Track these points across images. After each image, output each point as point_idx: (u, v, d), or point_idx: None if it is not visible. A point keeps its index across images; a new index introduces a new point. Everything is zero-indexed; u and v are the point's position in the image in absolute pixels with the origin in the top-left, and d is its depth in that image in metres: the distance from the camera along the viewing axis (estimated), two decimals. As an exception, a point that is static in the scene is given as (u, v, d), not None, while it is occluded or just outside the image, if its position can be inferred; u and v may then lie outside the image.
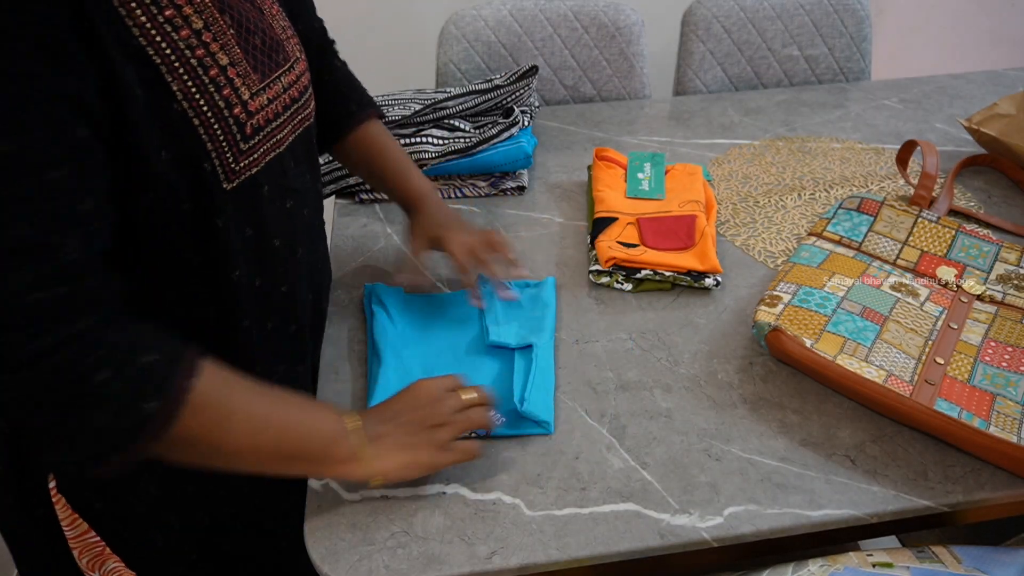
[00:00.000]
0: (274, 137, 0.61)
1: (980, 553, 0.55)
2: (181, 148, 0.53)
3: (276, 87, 0.61)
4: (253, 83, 0.58)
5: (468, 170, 1.05)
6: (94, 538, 0.70)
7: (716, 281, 0.86)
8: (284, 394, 0.59)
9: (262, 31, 0.60)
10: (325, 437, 0.58)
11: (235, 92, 0.56)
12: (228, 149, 0.55)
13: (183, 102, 0.52)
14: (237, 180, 0.57)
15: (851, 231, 0.90)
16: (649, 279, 0.86)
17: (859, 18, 1.48)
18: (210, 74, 0.54)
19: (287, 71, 0.63)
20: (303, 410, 0.59)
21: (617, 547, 0.60)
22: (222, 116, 0.55)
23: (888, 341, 0.73)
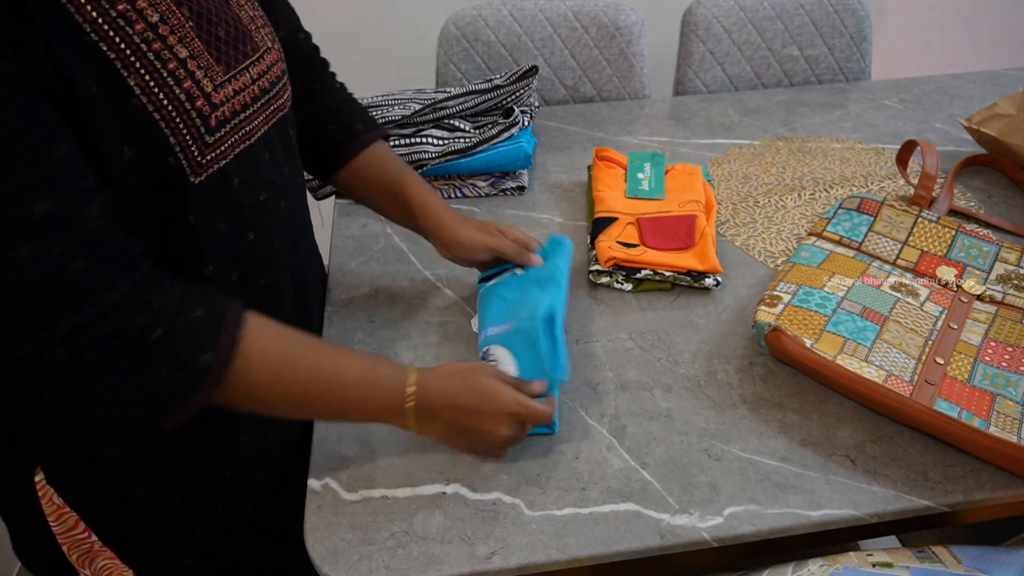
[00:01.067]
0: (243, 129, 0.60)
1: (980, 553, 0.55)
2: (143, 144, 0.52)
3: (243, 78, 0.60)
4: (216, 75, 0.57)
5: (468, 170, 1.05)
6: (82, 534, 0.69)
7: (716, 281, 0.86)
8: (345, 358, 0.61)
9: (226, 22, 0.59)
10: (380, 405, 0.61)
11: (196, 85, 0.55)
12: (192, 143, 0.54)
13: (141, 97, 0.51)
14: (204, 174, 0.56)
15: (851, 231, 0.90)
16: (649, 279, 0.87)
17: (859, 18, 1.48)
18: (168, 67, 0.53)
19: (255, 61, 0.62)
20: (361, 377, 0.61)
21: (617, 547, 0.60)
22: (184, 109, 0.54)
23: (888, 341, 0.73)
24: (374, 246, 0.97)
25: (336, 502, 0.64)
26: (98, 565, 0.72)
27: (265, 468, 0.75)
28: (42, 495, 0.67)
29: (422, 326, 0.83)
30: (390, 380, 0.61)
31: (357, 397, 0.60)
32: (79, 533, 0.70)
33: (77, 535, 0.70)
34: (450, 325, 0.83)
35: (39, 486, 0.67)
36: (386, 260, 0.94)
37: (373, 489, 0.65)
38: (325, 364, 0.59)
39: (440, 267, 0.92)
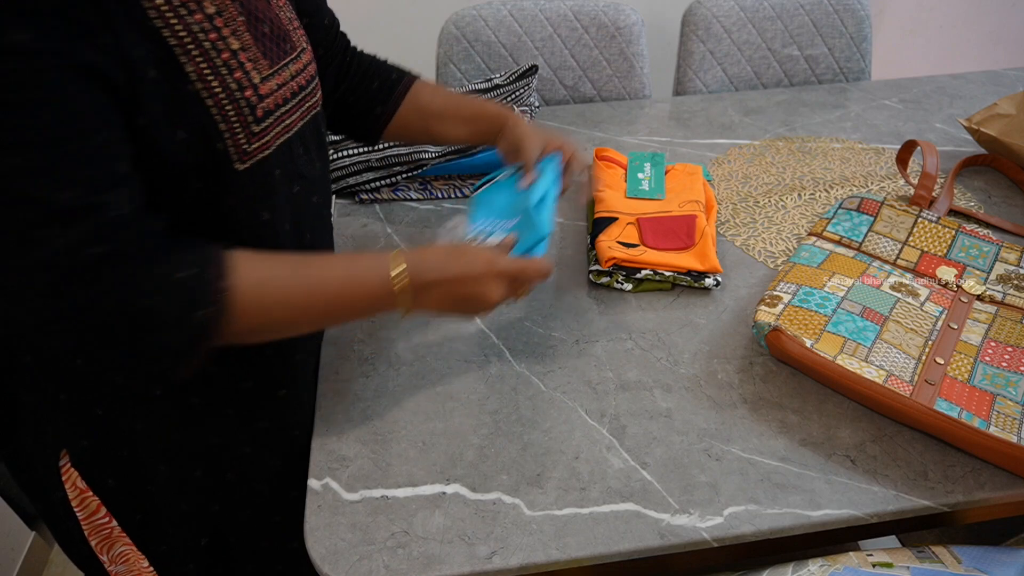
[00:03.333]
0: (284, 122, 0.62)
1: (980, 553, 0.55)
2: (195, 128, 0.54)
3: (284, 74, 0.63)
4: (263, 68, 0.60)
5: (468, 170, 1.05)
6: (103, 519, 0.71)
7: (716, 281, 0.86)
8: (326, 262, 0.62)
9: (270, 20, 0.62)
10: (371, 298, 0.62)
11: (246, 75, 0.58)
12: (241, 130, 0.57)
13: (196, 83, 0.54)
14: (250, 161, 0.59)
15: (851, 231, 0.90)
16: (649, 279, 0.87)
17: (859, 18, 1.48)
18: (222, 57, 0.56)
19: (294, 59, 0.64)
20: (348, 275, 0.62)
21: (617, 547, 0.60)
22: (234, 98, 0.56)
23: (888, 341, 0.73)
24: (374, 246, 0.97)
25: (336, 502, 0.64)
26: (116, 551, 0.73)
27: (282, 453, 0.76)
28: (66, 479, 0.69)
29: (422, 326, 0.83)
30: (375, 272, 0.62)
31: (347, 298, 0.62)
32: (100, 518, 0.71)
33: (98, 520, 0.71)
34: (450, 325, 0.83)
35: (63, 470, 0.68)
36: (386, 260, 0.94)
37: (373, 489, 0.65)
38: (311, 277, 0.60)
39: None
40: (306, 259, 0.61)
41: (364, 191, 1.05)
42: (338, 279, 0.61)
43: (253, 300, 0.56)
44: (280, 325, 0.60)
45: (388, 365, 0.78)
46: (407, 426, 0.71)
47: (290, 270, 0.59)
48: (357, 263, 0.63)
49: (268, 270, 0.58)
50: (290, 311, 0.59)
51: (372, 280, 0.62)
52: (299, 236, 0.68)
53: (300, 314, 0.60)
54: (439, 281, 0.63)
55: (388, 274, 0.61)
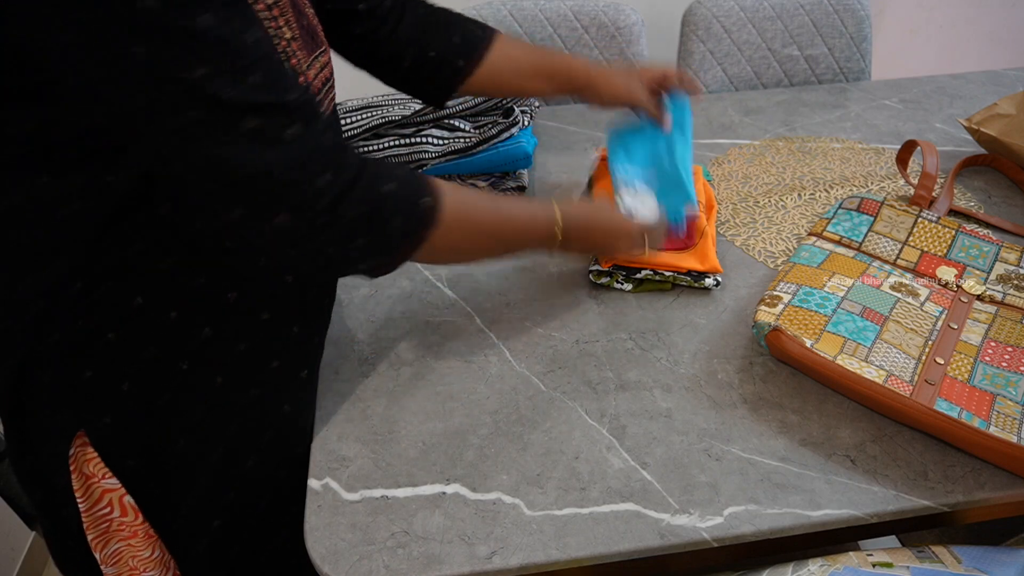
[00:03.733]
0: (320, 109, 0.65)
1: (980, 553, 0.55)
2: None
3: (316, 65, 0.65)
4: (304, 59, 0.62)
5: (468, 170, 1.05)
6: (104, 509, 0.70)
7: (716, 281, 0.86)
8: (512, 201, 0.74)
9: (306, 15, 0.64)
10: (540, 237, 0.73)
11: (299, 63, 0.61)
12: None
13: None
14: None
15: (851, 231, 0.90)
16: (649, 279, 0.87)
17: (859, 18, 1.48)
18: (280, 44, 0.59)
19: (320, 55, 0.66)
20: (529, 214, 0.72)
21: (617, 547, 0.60)
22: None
23: (888, 341, 0.73)
24: (374, 246, 0.97)
25: (336, 502, 0.64)
26: (111, 548, 0.72)
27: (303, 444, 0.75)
28: (73, 467, 0.68)
29: (422, 326, 0.83)
30: (546, 218, 0.72)
31: (525, 233, 0.72)
32: (102, 508, 0.70)
33: (99, 511, 0.70)
34: (450, 325, 0.83)
35: (73, 456, 0.67)
36: (386, 260, 0.94)
37: (373, 489, 0.65)
38: (500, 208, 0.70)
39: (440, 267, 0.92)
40: (496, 196, 0.76)
41: (364, 191, 1.05)
42: (522, 215, 0.71)
43: (457, 210, 0.63)
44: (470, 244, 0.68)
45: (388, 365, 0.78)
46: (407, 426, 0.71)
47: (487, 199, 0.70)
48: (533, 205, 0.73)
49: (467, 193, 0.66)
50: (482, 231, 0.68)
51: (543, 222, 0.71)
52: None
53: (487, 238, 0.69)
54: (586, 232, 0.76)
55: (555, 219, 0.71)
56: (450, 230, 0.63)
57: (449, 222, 0.62)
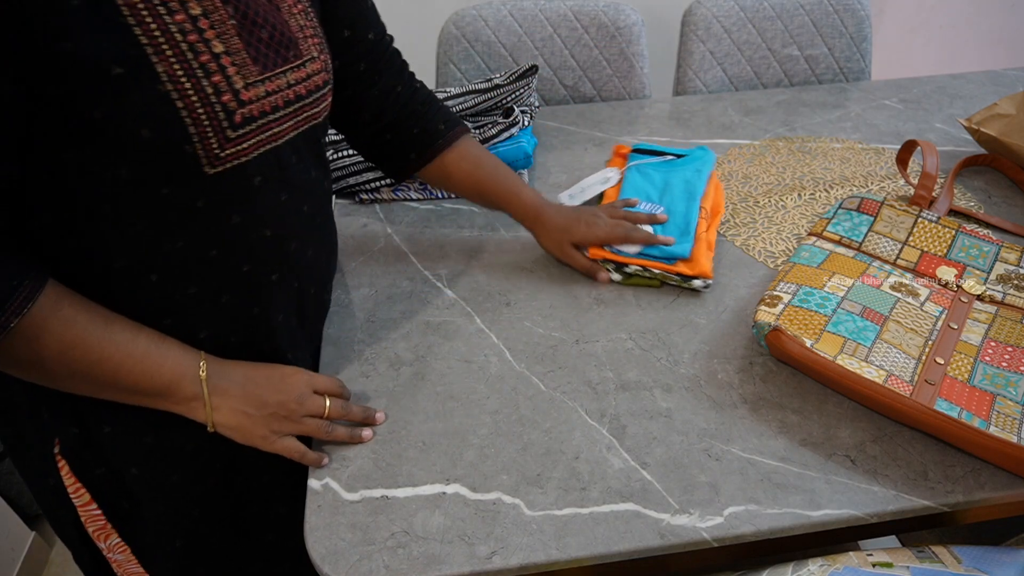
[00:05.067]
0: (270, 129, 0.61)
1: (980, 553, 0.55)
2: (162, 128, 0.53)
3: (279, 81, 0.61)
4: (250, 74, 0.58)
5: (468, 170, 1.05)
6: (96, 511, 0.71)
7: (705, 284, 0.86)
8: (139, 330, 0.61)
9: (272, 26, 0.61)
10: (168, 377, 0.62)
11: (227, 80, 0.56)
12: (213, 135, 0.56)
13: (167, 84, 0.53)
14: (222, 166, 0.57)
15: (851, 231, 0.90)
16: (638, 274, 0.87)
17: (859, 18, 1.48)
18: (200, 59, 0.55)
19: (296, 68, 0.63)
20: (152, 347, 0.61)
21: (617, 547, 0.60)
22: (209, 102, 0.55)
23: (888, 341, 0.73)
24: (374, 246, 0.97)
25: (336, 502, 0.64)
26: (113, 542, 0.73)
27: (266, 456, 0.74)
28: (61, 467, 0.69)
29: (422, 326, 0.83)
30: (183, 349, 0.63)
31: (148, 363, 0.61)
32: (94, 509, 0.71)
33: (92, 511, 0.71)
34: (450, 325, 0.83)
35: (58, 458, 0.68)
36: (386, 260, 0.94)
37: (373, 489, 0.65)
38: (107, 335, 0.59)
39: (440, 267, 0.92)
40: (116, 320, 0.60)
41: (364, 191, 1.05)
42: (142, 346, 0.60)
43: (42, 337, 0.55)
44: (55, 370, 0.58)
45: (388, 365, 0.78)
46: (407, 426, 0.71)
47: (94, 323, 0.58)
48: (168, 342, 0.63)
49: (73, 316, 0.57)
50: (71, 363, 0.57)
51: (176, 358, 0.62)
52: (280, 244, 0.67)
53: (82, 367, 0.58)
54: (246, 381, 0.65)
55: (196, 361, 0.63)
56: (28, 363, 0.56)
57: (23, 353, 0.55)
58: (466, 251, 0.95)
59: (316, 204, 0.71)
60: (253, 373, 0.67)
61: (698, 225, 0.91)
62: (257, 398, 0.65)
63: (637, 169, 1.02)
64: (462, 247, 0.96)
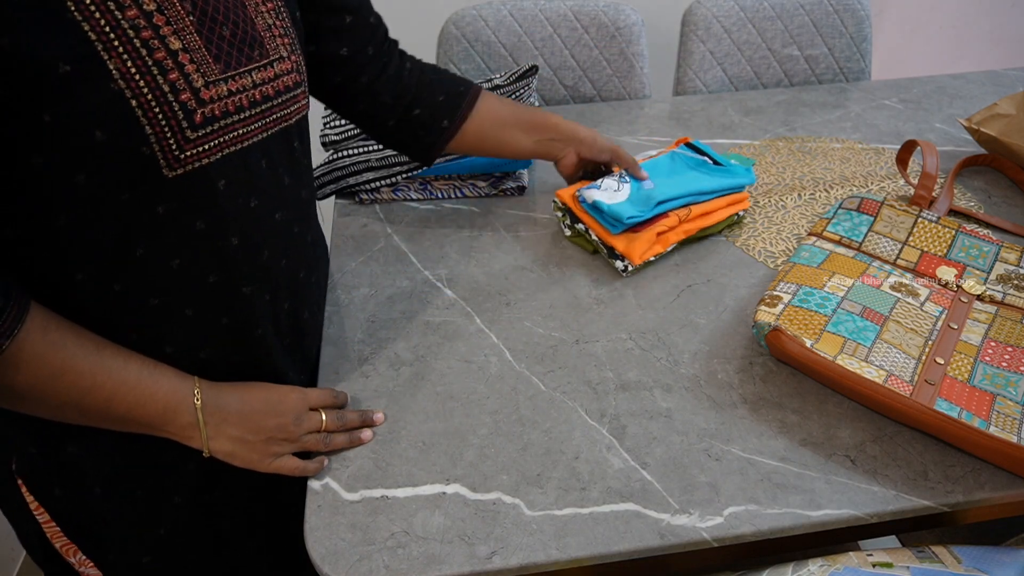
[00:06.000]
0: (234, 131, 0.59)
1: (980, 553, 0.55)
2: (117, 129, 0.51)
3: (243, 80, 0.59)
4: (211, 72, 0.56)
5: (468, 170, 1.05)
6: (58, 528, 0.69)
7: (625, 268, 0.89)
8: (130, 356, 0.59)
9: (234, 23, 0.58)
10: (163, 405, 0.60)
11: (185, 78, 0.54)
12: (171, 135, 0.54)
13: (120, 81, 0.51)
14: (182, 169, 0.55)
15: (851, 231, 0.90)
16: (582, 234, 0.94)
17: (859, 18, 1.48)
18: (155, 56, 0.52)
19: (261, 68, 0.61)
20: (145, 374, 0.59)
21: (617, 547, 0.60)
22: (166, 100, 0.53)
23: (888, 341, 0.73)
24: (374, 246, 0.97)
25: (336, 502, 0.64)
26: (80, 557, 0.72)
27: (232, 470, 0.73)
28: (20, 485, 0.67)
29: (422, 326, 0.83)
30: (177, 376, 0.62)
31: (141, 391, 0.59)
32: (56, 527, 0.69)
33: (55, 528, 0.69)
34: (450, 325, 0.83)
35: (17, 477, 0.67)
36: (386, 260, 0.94)
37: (373, 489, 0.65)
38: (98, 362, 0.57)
39: (440, 267, 0.92)
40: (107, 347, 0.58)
41: (364, 191, 1.05)
42: (134, 373, 0.59)
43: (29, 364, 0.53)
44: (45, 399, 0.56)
45: (388, 365, 0.78)
46: (407, 426, 0.71)
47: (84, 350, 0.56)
48: (161, 369, 0.61)
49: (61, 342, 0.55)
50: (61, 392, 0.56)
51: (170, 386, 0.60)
52: (253, 253, 0.64)
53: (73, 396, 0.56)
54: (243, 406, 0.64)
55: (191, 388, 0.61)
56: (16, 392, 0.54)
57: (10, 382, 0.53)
58: (466, 251, 0.95)
59: (290, 213, 0.68)
60: (249, 397, 0.65)
61: (665, 218, 0.90)
62: (254, 424, 0.64)
63: (672, 154, 1.02)
64: (462, 247, 0.96)
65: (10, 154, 0.50)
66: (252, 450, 0.64)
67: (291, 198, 0.68)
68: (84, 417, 0.58)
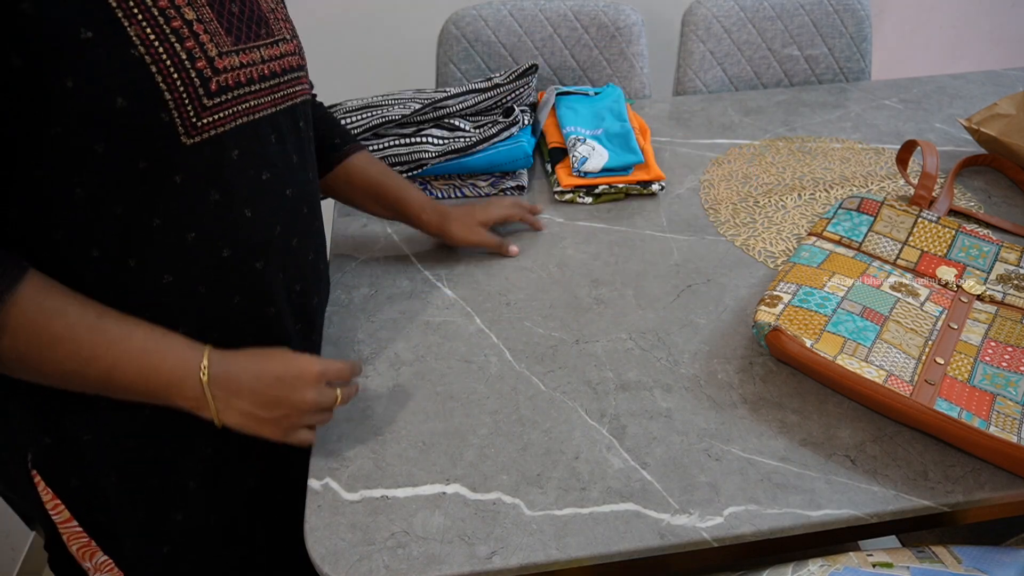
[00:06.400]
0: (247, 101, 0.60)
1: (980, 553, 0.55)
2: (137, 95, 0.52)
3: (253, 55, 0.61)
4: (223, 43, 0.58)
5: (468, 170, 1.05)
6: (76, 526, 0.69)
7: (661, 186, 1.03)
8: (136, 325, 0.57)
9: (242, 1, 0.61)
10: (166, 378, 0.58)
11: (200, 46, 0.55)
12: (189, 102, 0.54)
13: (140, 47, 0.51)
14: (199, 136, 0.56)
15: (851, 231, 0.90)
16: (606, 192, 1.03)
17: (859, 18, 1.48)
18: (172, 24, 0.54)
19: (269, 45, 0.63)
20: (150, 343, 0.57)
21: (617, 547, 0.60)
22: (183, 67, 0.54)
23: (888, 341, 0.73)
24: (374, 246, 0.97)
25: (336, 502, 0.64)
26: (98, 560, 0.71)
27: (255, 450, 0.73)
28: (36, 481, 0.67)
29: (422, 326, 0.83)
30: (185, 345, 0.59)
31: (145, 361, 0.57)
32: (74, 526, 0.69)
33: (73, 528, 0.69)
34: (450, 325, 0.83)
35: (32, 471, 0.66)
36: (386, 260, 0.94)
37: (373, 489, 0.65)
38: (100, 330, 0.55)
39: (440, 267, 0.92)
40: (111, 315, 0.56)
41: (364, 191, 1.05)
42: (139, 342, 0.57)
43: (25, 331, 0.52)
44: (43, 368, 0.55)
45: (388, 365, 0.78)
46: (407, 426, 0.71)
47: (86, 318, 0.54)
48: (168, 338, 0.59)
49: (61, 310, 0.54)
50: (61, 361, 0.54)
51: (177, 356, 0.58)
52: (266, 227, 0.64)
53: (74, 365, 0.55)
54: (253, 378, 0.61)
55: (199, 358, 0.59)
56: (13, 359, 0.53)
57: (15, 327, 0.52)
58: (466, 251, 0.95)
59: (300, 193, 0.69)
60: (263, 370, 0.61)
61: (636, 139, 1.07)
62: (268, 399, 0.61)
63: (565, 105, 1.17)
64: (462, 247, 0.96)
65: (30, 125, 0.50)
66: (264, 425, 0.62)
67: (300, 177, 0.70)
68: (90, 386, 0.57)
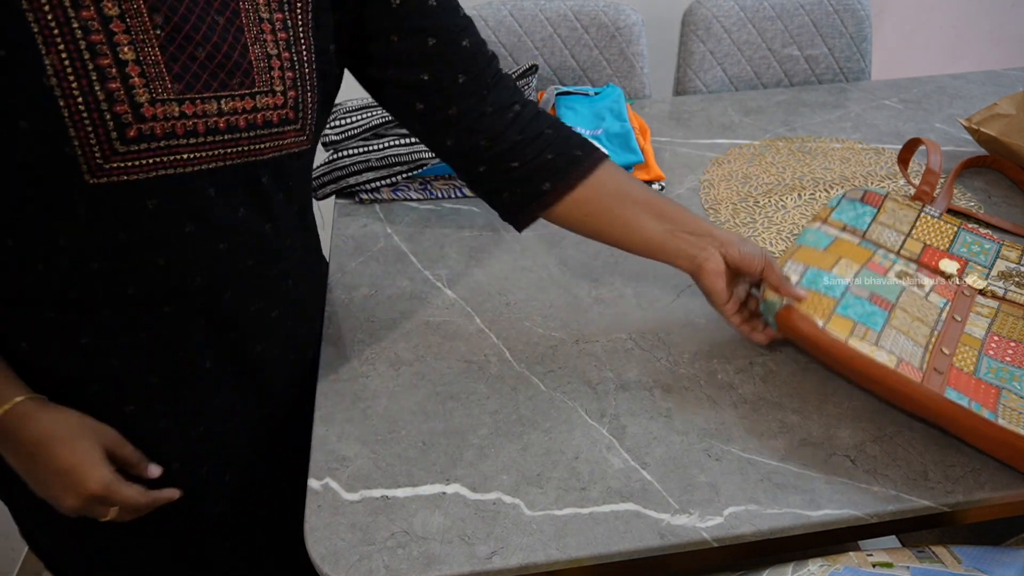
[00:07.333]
0: (178, 154, 0.55)
1: (980, 553, 0.55)
2: (42, 124, 0.50)
3: (206, 106, 0.55)
4: (163, 90, 0.53)
5: (468, 170, 1.05)
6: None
7: (661, 186, 1.06)
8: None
9: (215, 46, 0.55)
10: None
11: (127, 90, 0.52)
12: (96, 144, 0.52)
13: (52, 78, 0.49)
14: (106, 178, 0.53)
15: (855, 220, 0.88)
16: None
17: (859, 18, 1.48)
18: (99, 62, 0.50)
19: (237, 97, 0.57)
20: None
21: (617, 547, 0.60)
22: (98, 108, 0.51)
23: (897, 327, 0.71)
24: (374, 246, 0.97)
25: (336, 502, 0.64)
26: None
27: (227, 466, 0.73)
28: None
29: (422, 326, 0.83)
30: (8, 381, 0.60)
31: None
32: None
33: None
34: (450, 325, 0.83)
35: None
36: (386, 260, 0.94)
37: (373, 489, 0.65)
38: None
39: (440, 267, 0.92)
40: None
41: (364, 191, 1.05)
42: None
43: None
44: None
45: (388, 365, 0.78)
46: (407, 426, 0.71)
47: None
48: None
49: None
50: None
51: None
52: (181, 277, 0.61)
53: None
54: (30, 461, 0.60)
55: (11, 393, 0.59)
56: None
57: None
58: (466, 251, 0.95)
59: (245, 248, 0.64)
60: (50, 454, 0.60)
61: (636, 139, 1.08)
62: (33, 478, 0.62)
63: (565, 105, 1.19)
64: (462, 247, 0.96)
65: None
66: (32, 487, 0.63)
67: (245, 233, 0.63)
68: None
